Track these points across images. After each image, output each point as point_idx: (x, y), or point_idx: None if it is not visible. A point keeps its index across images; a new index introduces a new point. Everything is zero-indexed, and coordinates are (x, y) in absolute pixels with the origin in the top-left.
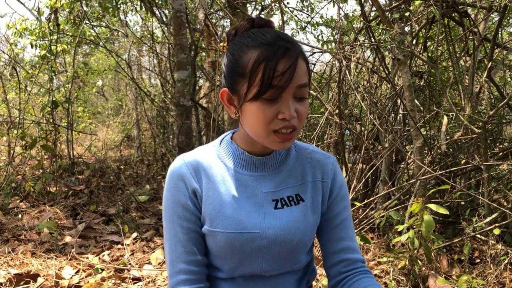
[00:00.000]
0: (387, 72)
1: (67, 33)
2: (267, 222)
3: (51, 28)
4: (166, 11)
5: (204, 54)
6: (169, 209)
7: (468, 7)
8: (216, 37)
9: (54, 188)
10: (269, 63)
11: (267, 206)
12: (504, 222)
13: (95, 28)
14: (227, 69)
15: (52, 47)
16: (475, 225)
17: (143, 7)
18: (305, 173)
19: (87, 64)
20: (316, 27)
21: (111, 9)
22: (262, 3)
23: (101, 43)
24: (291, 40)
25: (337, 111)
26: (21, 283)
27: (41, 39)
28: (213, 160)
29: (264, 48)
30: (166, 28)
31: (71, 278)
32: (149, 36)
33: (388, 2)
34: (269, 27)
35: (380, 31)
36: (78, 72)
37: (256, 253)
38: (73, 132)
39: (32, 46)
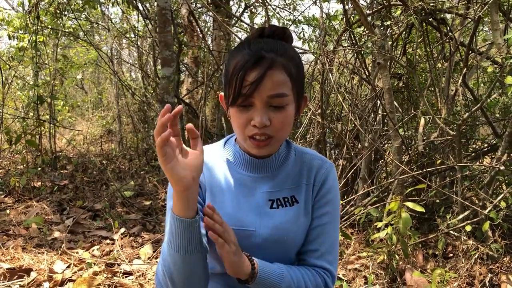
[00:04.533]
0: (367, 73)
1: (48, 26)
2: (263, 221)
3: (32, 20)
4: (148, 5)
5: (186, 48)
6: (171, 198)
7: (446, 14)
8: (200, 33)
9: (39, 183)
10: (240, 73)
11: (264, 206)
12: (475, 219)
13: (76, 20)
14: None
15: (34, 40)
16: (449, 222)
17: (125, 0)
18: (301, 176)
19: (67, 57)
20: (298, 24)
21: (91, 1)
22: (246, 1)
23: (81, 35)
24: (276, 50)
25: (319, 111)
26: (14, 278)
27: (19, 31)
28: (216, 159)
29: (242, 58)
30: (148, 22)
31: (63, 272)
32: (129, 29)
33: (369, 4)
34: (281, 35)
35: (361, 33)
36: (62, 67)
37: (251, 251)
38: (56, 126)
39: (10, 38)
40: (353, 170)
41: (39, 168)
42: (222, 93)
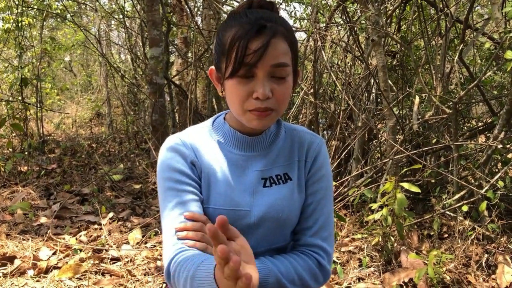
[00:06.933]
0: (361, 51)
1: (33, 7)
2: (256, 200)
3: (16, 1)
4: None
5: (175, 29)
6: (165, 179)
7: None
8: (189, 12)
9: (25, 168)
10: (242, 41)
11: (257, 185)
12: (471, 200)
13: (62, 1)
14: (214, 48)
15: (18, 21)
16: (445, 202)
17: None
18: (293, 153)
19: (54, 39)
20: (289, 3)
21: None
22: None
23: (68, 16)
24: (274, 20)
25: (312, 90)
26: None
27: (3, 12)
28: (206, 139)
29: (241, 27)
30: (136, 2)
31: (49, 259)
32: (117, 9)
33: None
34: (269, 9)
35: (354, 10)
36: (47, 48)
37: (246, 231)
38: (43, 109)
39: None
40: (346, 150)
41: (26, 153)
42: (213, 67)
